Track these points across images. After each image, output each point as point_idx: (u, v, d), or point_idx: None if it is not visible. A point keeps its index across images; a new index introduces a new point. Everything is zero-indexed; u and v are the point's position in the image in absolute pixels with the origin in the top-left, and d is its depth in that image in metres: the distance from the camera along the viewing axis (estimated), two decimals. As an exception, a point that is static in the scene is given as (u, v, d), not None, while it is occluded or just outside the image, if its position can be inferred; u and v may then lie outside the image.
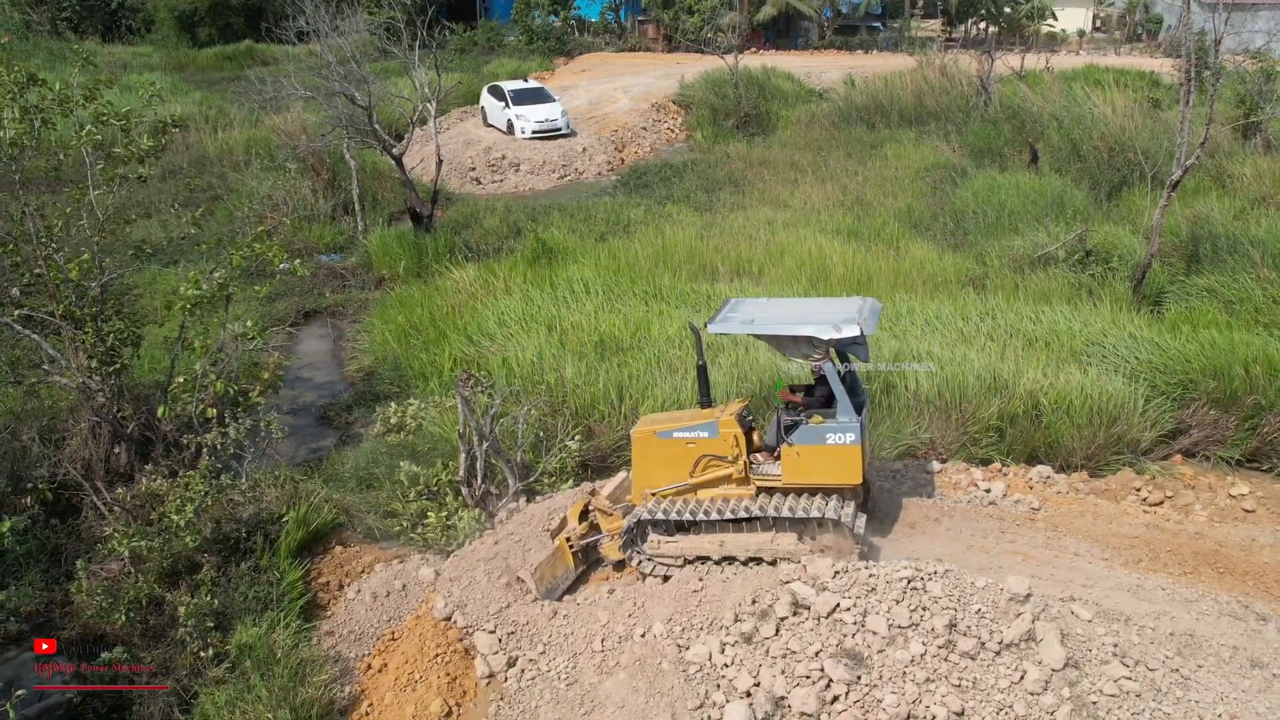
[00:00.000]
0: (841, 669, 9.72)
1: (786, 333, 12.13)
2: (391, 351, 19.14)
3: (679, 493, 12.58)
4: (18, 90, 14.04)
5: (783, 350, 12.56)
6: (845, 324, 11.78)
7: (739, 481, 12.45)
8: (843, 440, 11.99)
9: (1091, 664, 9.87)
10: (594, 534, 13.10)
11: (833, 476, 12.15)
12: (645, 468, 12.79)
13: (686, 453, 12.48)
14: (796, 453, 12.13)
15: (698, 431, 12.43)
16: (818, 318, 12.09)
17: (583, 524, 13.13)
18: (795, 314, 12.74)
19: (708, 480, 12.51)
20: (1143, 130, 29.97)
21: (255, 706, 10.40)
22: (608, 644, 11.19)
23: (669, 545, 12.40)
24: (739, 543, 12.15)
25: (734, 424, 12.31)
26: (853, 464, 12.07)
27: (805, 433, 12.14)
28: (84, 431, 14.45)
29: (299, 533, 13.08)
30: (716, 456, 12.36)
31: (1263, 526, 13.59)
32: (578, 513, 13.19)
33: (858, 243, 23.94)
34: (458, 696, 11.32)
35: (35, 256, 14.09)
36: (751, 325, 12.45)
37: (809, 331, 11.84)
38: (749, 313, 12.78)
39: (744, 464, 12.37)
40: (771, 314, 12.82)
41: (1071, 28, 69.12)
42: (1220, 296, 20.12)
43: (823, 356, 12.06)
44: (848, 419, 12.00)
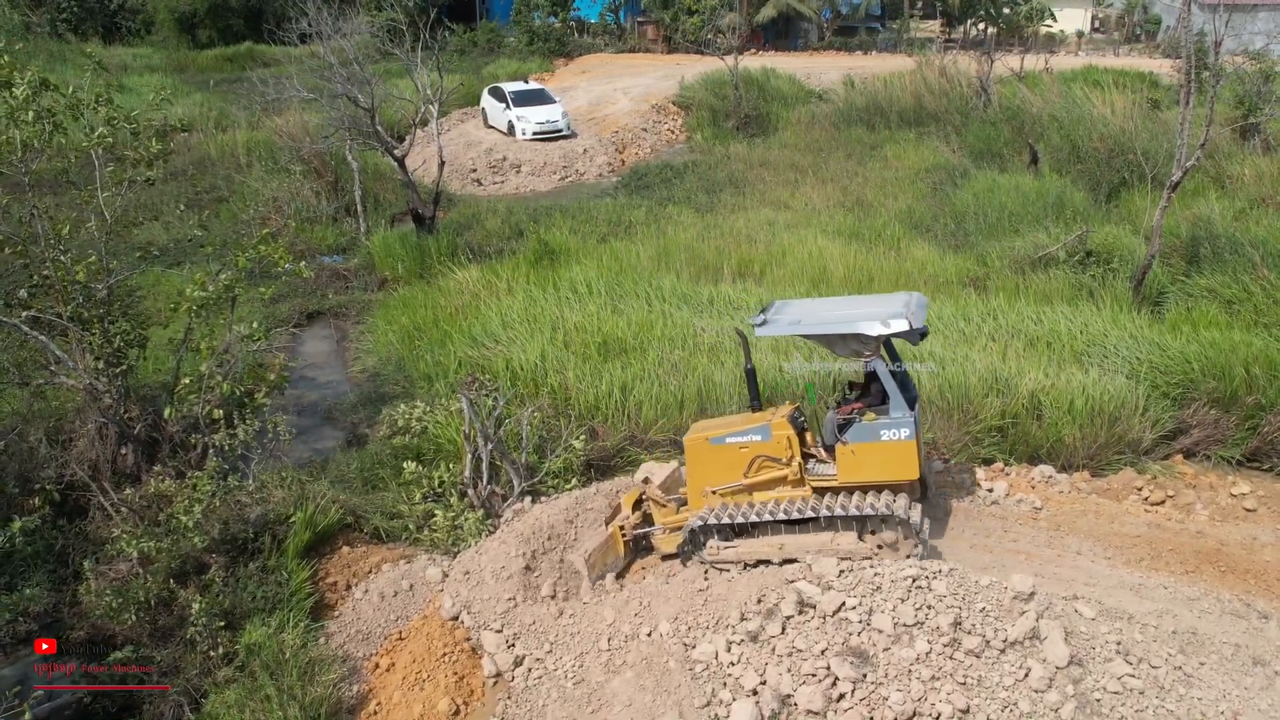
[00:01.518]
0: (847, 667, 9.81)
1: (835, 331, 12.19)
2: (395, 352, 19.21)
3: (735, 492, 12.57)
4: (31, 94, 14.10)
5: (832, 349, 12.61)
6: (894, 319, 11.82)
7: (794, 483, 12.44)
8: (898, 436, 12.02)
9: (1095, 661, 9.97)
10: (647, 524, 13.25)
11: (889, 473, 12.15)
12: (699, 474, 12.80)
13: (740, 457, 12.49)
14: (851, 451, 12.14)
15: (751, 435, 12.44)
16: (865, 314, 12.10)
17: (636, 513, 13.28)
18: (843, 312, 12.72)
19: (762, 481, 12.50)
20: (1142, 131, 30.04)
21: (264, 705, 10.48)
22: (614, 643, 11.28)
23: (728, 550, 12.34)
24: (799, 544, 12.10)
25: (786, 426, 12.33)
26: (909, 460, 12.06)
27: (860, 430, 12.14)
28: (91, 432, 14.48)
29: (306, 533, 13.14)
30: (771, 458, 12.36)
31: (1264, 525, 13.67)
32: (632, 502, 13.38)
33: (859, 244, 24.03)
34: (465, 695, 11.41)
35: (43, 258, 14.14)
36: (798, 326, 12.48)
37: (858, 329, 11.86)
38: (795, 314, 12.80)
39: (799, 465, 12.37)
40: (818, 313, 12.86)
41: (1070, 29, 69.17)
42: (1220, 297, 20.19)
43: (873, 353, 12.11)
44: (901, 415, 12.03)
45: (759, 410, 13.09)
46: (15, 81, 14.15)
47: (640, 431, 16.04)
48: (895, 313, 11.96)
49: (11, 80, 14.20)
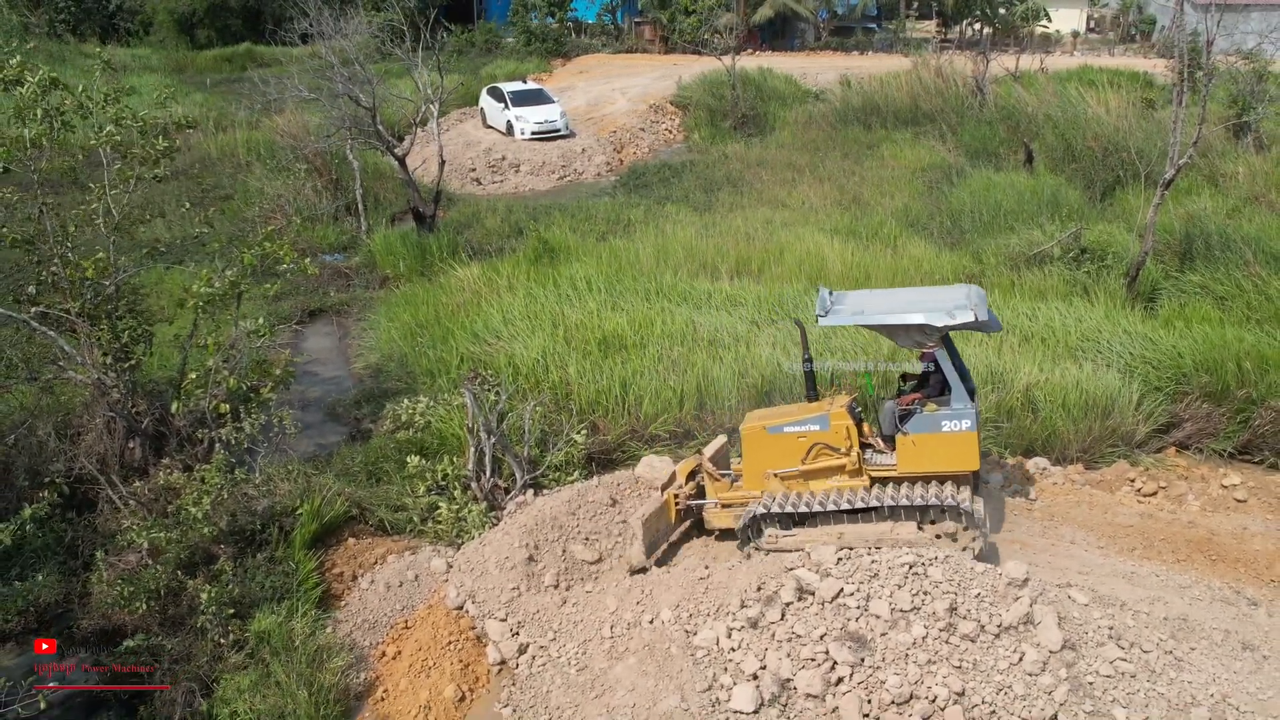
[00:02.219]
0: (845, 652, 10.04)
1: (899, 321, 12.23)
2: (398, 349, 19.39)
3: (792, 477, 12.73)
4: (41, 93, 14.31)
5: (894, 339, 12.70)
6: (959, 311, 11.95)
7: (852, 473, 12.57)
8: (959, 427, 12.11)
9: (1088, 646, 10.20)
10: (699, 496, 13.49)
11: (949, 464, 12.24)
12: (756, 462, 12.96)
13: (798, 446, 12.64)
14: (912, 441, 12.27)
15: (809, 425, 12.60)
16: (930, 305, 12.19)
17: (690, 484, 13.51)
18: (906, 303, 12.73)
19: (819, 469, 12.64)
20: (1136, 130, 30.29)
21: (275, 691, 10.69)
22: (617, 630, 11.49)
23: (786, 539, 12.44)
24: (858, 533, 12.16)
25: (845, 416, 12.45)
26: (970, 451, 12.17)
27: (920, 421, 12.27)
28: (99, 427, 14.68)
29: (312, 525, 13.35)
30: (829, 447, 12.49)
31: (1254, 515, 13.91)
32: (686, 471, 13.62)
33: (855, 241, 24.22)
34: (471, 682, 11.62)
35: (51, 255, 14.34)
36: (861, 316, 12.58)
37: (923, 319, 11.95)
38: (857, 304, 12.89)
39: (857, 455, 12.48)
40: (880, 304, 12.93)
41: (1066, 29, 69.46)
42: (1212, 293, 20.45)
43: (935, 344, 12.21)
44: (963, 406, 12.12)
45: (815, 401, 13.20)
46: (25, 80, 14.38)
47: (641, 426, 16.25)
48: (959, 305, 12.08)
49: (21, 79, 14.43)
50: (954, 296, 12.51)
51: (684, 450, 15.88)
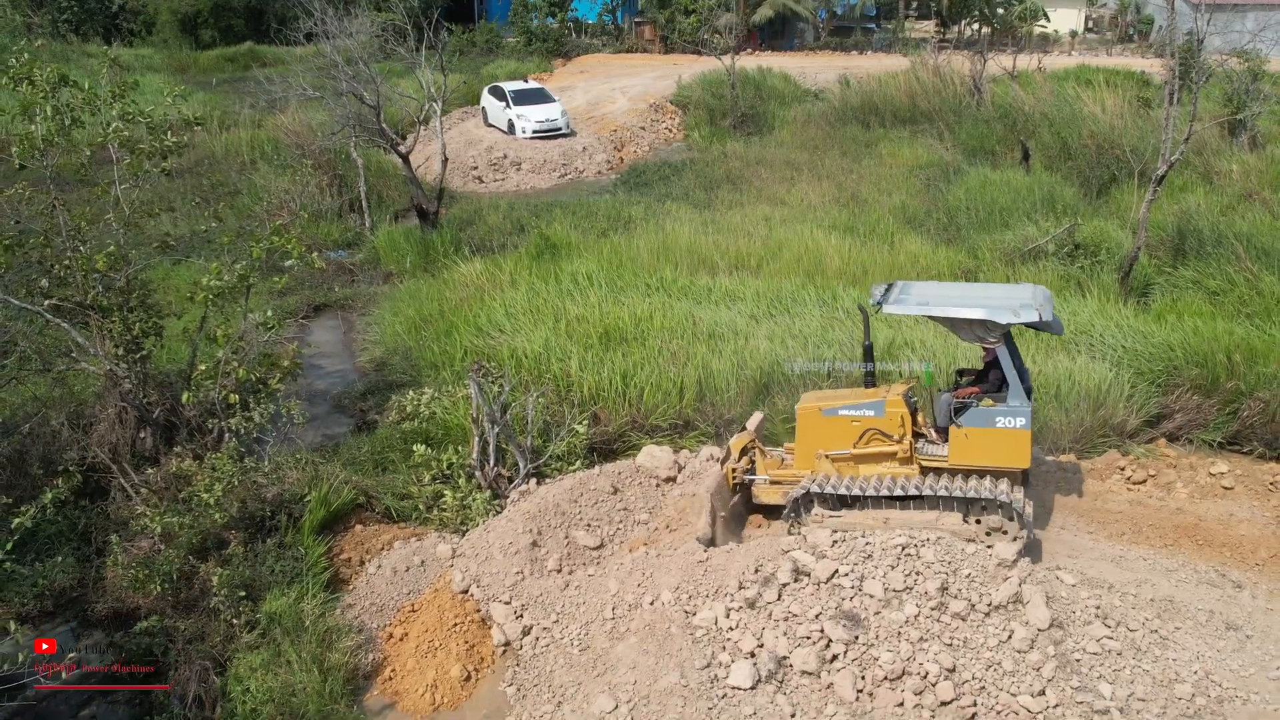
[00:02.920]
0: (840, 630, 10.35)
1: (963, 315, 12.42)
2: (402, 343, 19.71)
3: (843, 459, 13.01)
4: (50, 90, 14.63)
5: (956, 332, 12.90)
6: (1024, 309, 12.13)
7: (903, 461, 12.79)
8: (1013, 424, 12.26)
9: (1075, 624, 10.53)
10: (751, 470, 13.88)
11: (1001, 459, 12.40)
12: (809, 442, 13.24)
13: (852, 429, 12.90)
14: (965, 434, 12.46)
15: (864, 410, 12.84)
16: (995, 302, 12.39)
17: (744, 459, 13.88)
18: (971, 297, 12.96)
19: (870, 454, 12.89)
20: (1132, 128, 30.62)
21: (286, 669, 11.00)
22: (618, 612, 11.79)
23: (832, 520, 12.69)
24: (903, 520, 12.37)
25: (901, 404, 12.69)
26: (1022, 448, 12.32)
27: (975, 415, 12.45)
28: (111, 416, 15.00)
29: (320, 511, 13.67)
30: (882, 433, 12.73)
31: (1240, 502, 14.22)
32: (740, 447, 14.00)
33: (853, 238, 24.54)
34: (476, 663, 11.93)
35: (63, 249, 14.65)
36: (926, 307, 12.79)
37: (987, 315, 12.15)
38: (922, 295, 13.11)
39: (909, 444, 12.71)
40: (945, 296, 13.16)
41: (1064, 29, 69.83)
42: (1205, 288, 20.78)
43: (996, 340, 12.39)
44: (1019, 403, 12.28)
45: (873, 387, 13.46)
46: (34, 78, 14.69)
47: (641, 417, 16.57)
48: (1025, 303, 12.26)
49: (31, 76, 14.74)
50: (1020, 295, 12.68)
51: (684, 441, 16.21)
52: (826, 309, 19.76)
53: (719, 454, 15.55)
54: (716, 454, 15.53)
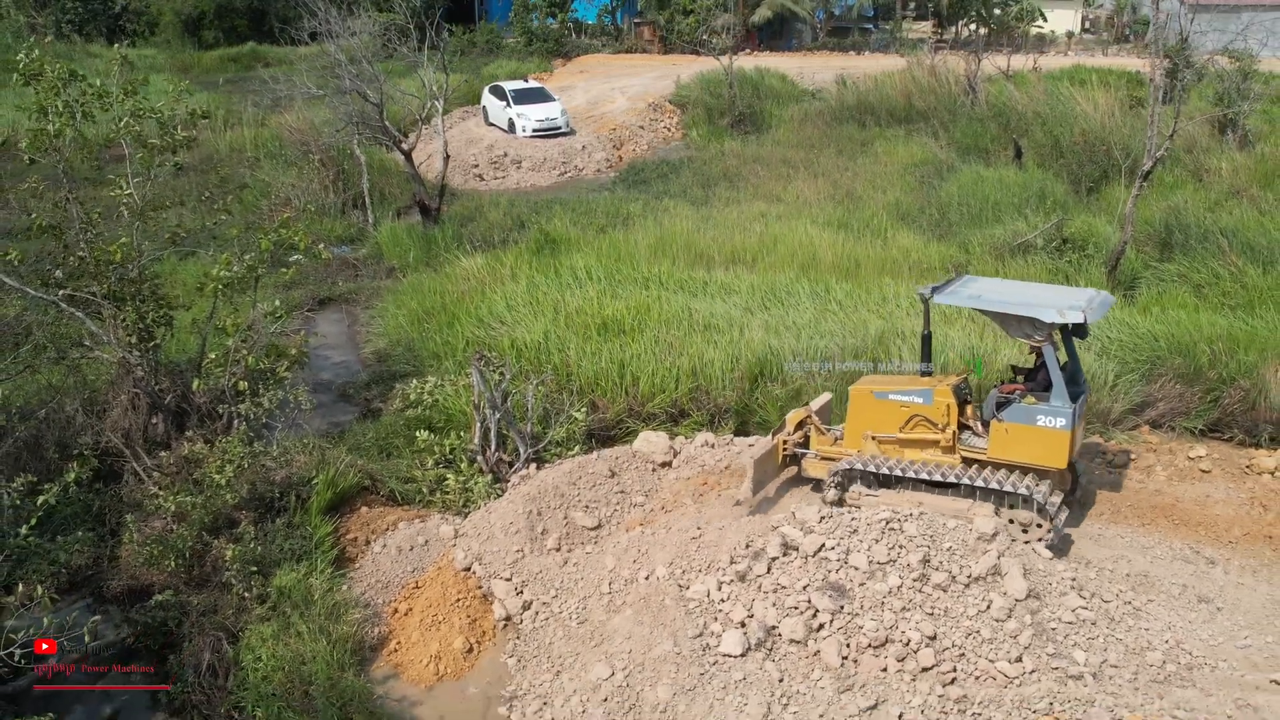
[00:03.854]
0: (826, 600, 10.82)
1: (1011, 311, 12.72)
2: (405, 334, 20.17)
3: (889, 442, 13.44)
4: (61, 86, 15.11)
5: (1005, 328, 13.18)
6: (1070, 310, 12.34)
7: (946, 449, 13.14)
8: (1053, 424, 12.46)
9: (1051, 595, 11.00)
10: (805, 446, 14.30)
11: (1037, 457, 12.63)
12: (858, 422, 13.66)
13: (899, 414, 13.28)
14: (1005, 429, 12.71)
15: (913, 396, 13.21)
16: (1045, 301, 12.68)
17: (798, 433, 14.32)
18: (1023, 295, 13.26)
19: (915, 440, 13.28)
20: (1123, 127, 31.08)
21: (296, 639, 11.47)
22: (615, 586, 12.28)
23: (869, 498, 13.17)
24: (937, 505, 12.74)
25: (949, 394, 13.03)
26: (1059, 448, 12.51)
27: (1017, 411, 12.73)
28: (124, 403, 15.48)
29: (327, 493, 14.14)
30: (929, 420, 13.10)
31: (1217, 484, 14.68)
32: (796, 421, 14.41)
33: (847, 233, 25.00)
34: (478, 636, 12.41)
35: (78, 241, 15.12)
36: (978, 301, 13.19)
37: (1033, 313, 12.45)
38: (978, 289, 13.50)
39: (953, 433, 13.04)
40: (1000, 293, 13.47)
41: (1061, 29, 70.28)
42: (1190, 281, 21.23)
43: (1044, 339, 12.62)
44: (1061, 404, 12.48)
45: (928, 375, 13.87)
46: (45, 74, 15.17)
47: (638, 405, 17.04)
48: (1074, 305, 12.48)
49: (41, 72, 15.22)
50: (1073, 298, 12.96)
51: (679, 428, 16.68)
52: (820, 301, 20.21)
53: (714, 440, 16.08)
54: (711, 440, 16.07)
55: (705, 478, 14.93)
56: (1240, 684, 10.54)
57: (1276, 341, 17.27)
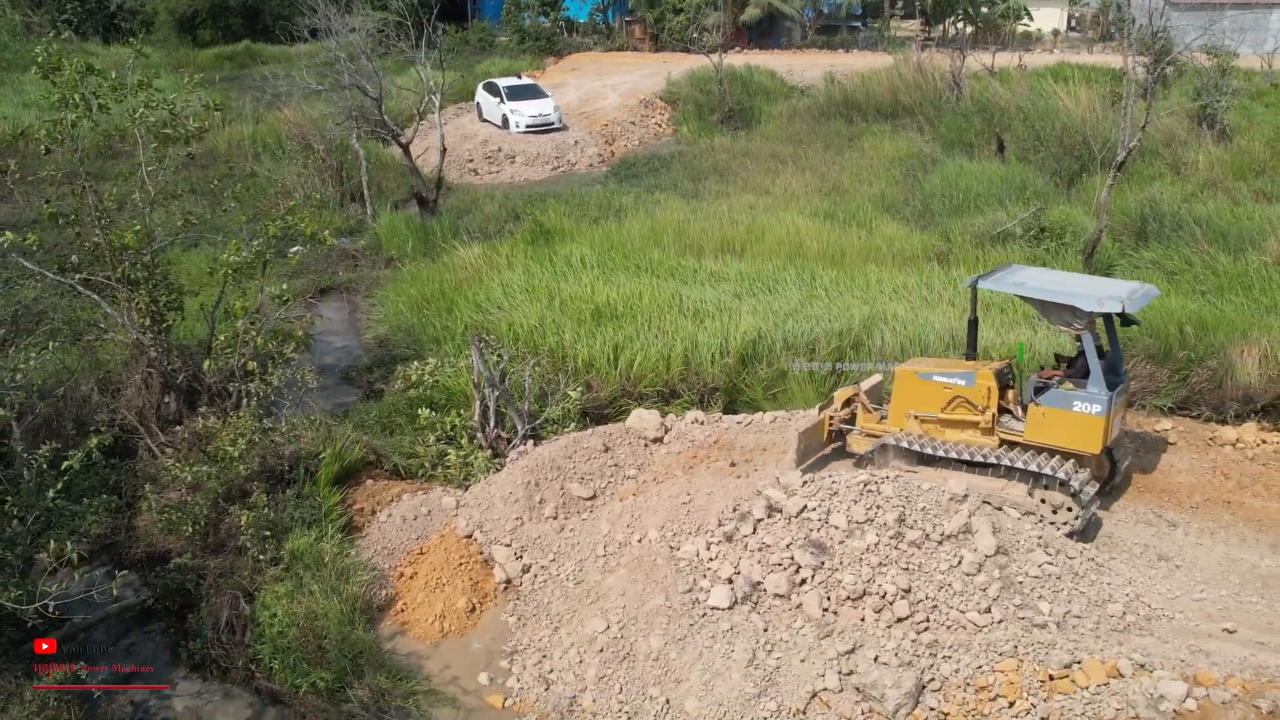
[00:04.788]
0: (808, 556, 11.52)
1: (1052, 299, 13.22)
2: (405, 320, 20.86)
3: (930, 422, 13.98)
4: (79, 79, 15.77)
5: (1046, 315, 13.73)
6: (1109, 300, 12.80)
7: (985, 431, 13.65)
8: (1089, 410, 12.90)
9: (1019, 551, 11.72)
10: (851, 423, 14.92)
11: (1072, 441, 13.05)
12: (902, 402, 14.23)
13: (941, 395, 13.81)
14: (1042, 413, 13.19)
15: (956, 379, 13.74)
16: (1085, 291, 13.10)
17: (845, 410, 14.96)
18: (1065, 285, 13.67)
19: (956, 420, 13.79)
20: (1103, 121, 31.83)
21: (309, 598, 12.15)
22: (609, 549, 12.98)
23: (908, 474, 13.50)
24: (970, 484, 13.04)
25: (991, 378, 13.53)
26: (1094, 433, 12.93)
27: (1054, 396, 13.19)
28: (138, 382, 16.14)
29: (334, 466, 14.86)
30: (969, 402, 13.60)
31: (1181, 454, 15.44)
32: (844, 399, 15.06)
33: (833, 224, 25.73)
34: (480, 597, 13.11)
35: (93, 227, 15.77)
36: (1021, 288, 13.68)
37: (1073, 302, 12.90)
38: (1022, 277, 14.00)
39: (992, 416, 13.55)
40: (1043, 281, 13.93)
41: (1047, 27, 71.12)
42: (1163, 268, 22.00)
43: (1084, 327, 13.04)
44: (1098, 391, 12.90)
45: (974, 359, 14.42)
46: (63, 66, 15.84)
47: (631, 385, 17.78)
48: (1113, 295, 12.91)
49: (60, 66, 15.88)
50: (1114, 289, 13.37)
51: (670, 407, 17.39)
52: (806, 288, 20.93)
53: (703, 417, 16.79)
54: (701, 417, 16.79)
55: (695, 452, 15.64)
56: (1195, 633, 11.29)
57: (1244, 324, 18.04)
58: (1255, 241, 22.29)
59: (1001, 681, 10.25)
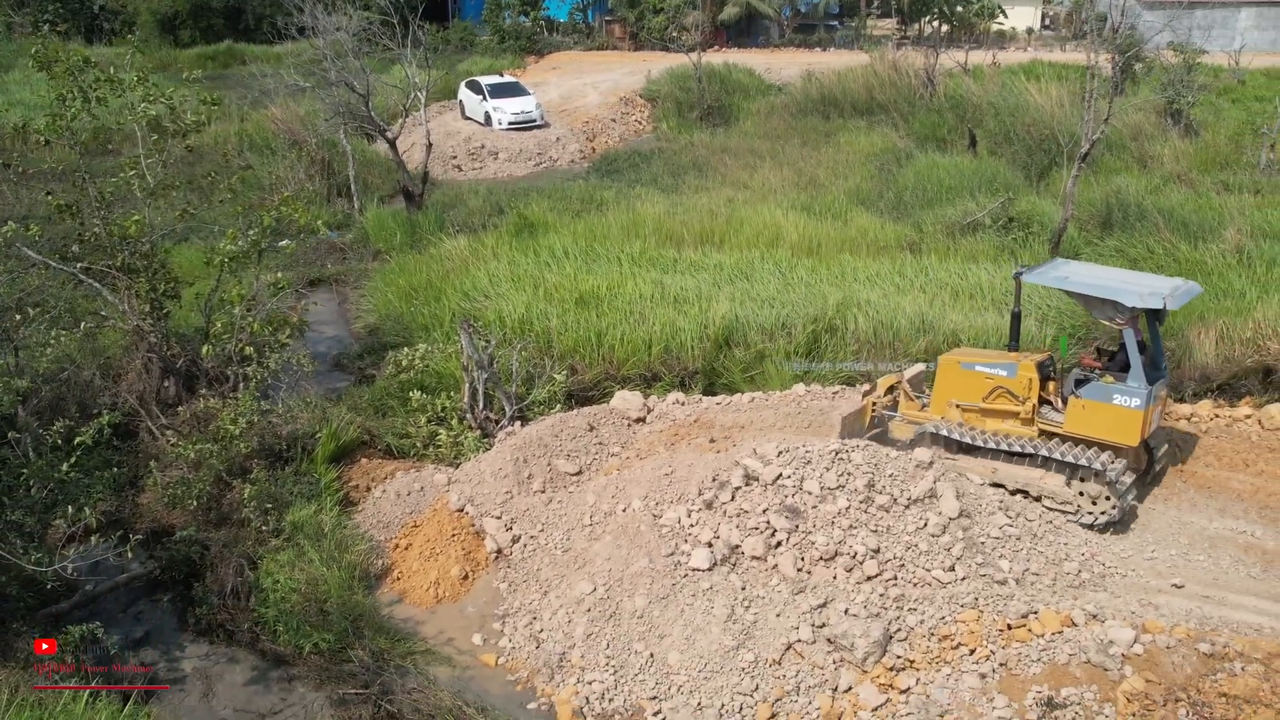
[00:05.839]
0: (783, 520, 12.22)
1: (1095, 294, 13.48)
2: (394, 309, 21.46)
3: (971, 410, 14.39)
4: (76, 73, 16.36)
5: (1089, 309, 14.03)
6: (1150, 296, 12.98)
7: (1025, 421, 14.01)
8: (1128, 403, 13.17)
9: (981, 515, 12.46)
10: (892, 409, 15.37)
11: (1111, 433, 13.35)
12: (944, 390, 14.67)
13: (983, 385, 14.19)
14: (1082, 405, 13.49)
15: (998, 369, 14.10)
16: (1128, 286, 13.35)
17: (887, 397, 15.45)
18: (1109, 280, 13.96)
19: (996, 410, 14.15)
20: (1072, 116, 32.67)
21: (310, 566, 12.78)
22: (595, 518, 13.65)
23: (947, 461, 14.12)
24: (1010, 473, 13.74)
25: (1032, 369, 13.86)
26: (1132, 426, 13.22)
27: (1094, 389, 13.49)
28: (138, 367, 16.76)
29: (331, 445, 15.51)
30: (1010, 392, 13.98)
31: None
32: (886, 386, 15.52)
33: (809, 216, 26.45)
34: (472, 565, 13.75)
35: (94, 218, 16.35)
36: (1065, 282, 13.97)
37: (1116, 297, 13.16)
38: (1066, 271, 14.33)
39: (1032, 406, 13.89)
40: (1087, 276, 14.17)
41: (1021, 26, 72.15)
42: (1127, 255, 22.79)
43: (1126, 322, 13.30)
44: (1138, 384, 13.19)
45: (1015, 350, 14.78)
46: (60, 61, 16.43)
47: (614, 369, 18.48)
48: (1155, 291, 13.10)
49: (57, 59, 16.48)
50: (1157, 285, 13.57)
51: (652, 390, 18.07)
52: (783, 276, 21.66)
53: (684, 398, 17.49)
54: (682, 398, 17.49)
55: (676, 430, 16.32)
56: (1145, 588, 12.06)
57: (1201, 308, 18.82)
58: (1215, 231, 23.13)
59: (963, 631, 11.00)
